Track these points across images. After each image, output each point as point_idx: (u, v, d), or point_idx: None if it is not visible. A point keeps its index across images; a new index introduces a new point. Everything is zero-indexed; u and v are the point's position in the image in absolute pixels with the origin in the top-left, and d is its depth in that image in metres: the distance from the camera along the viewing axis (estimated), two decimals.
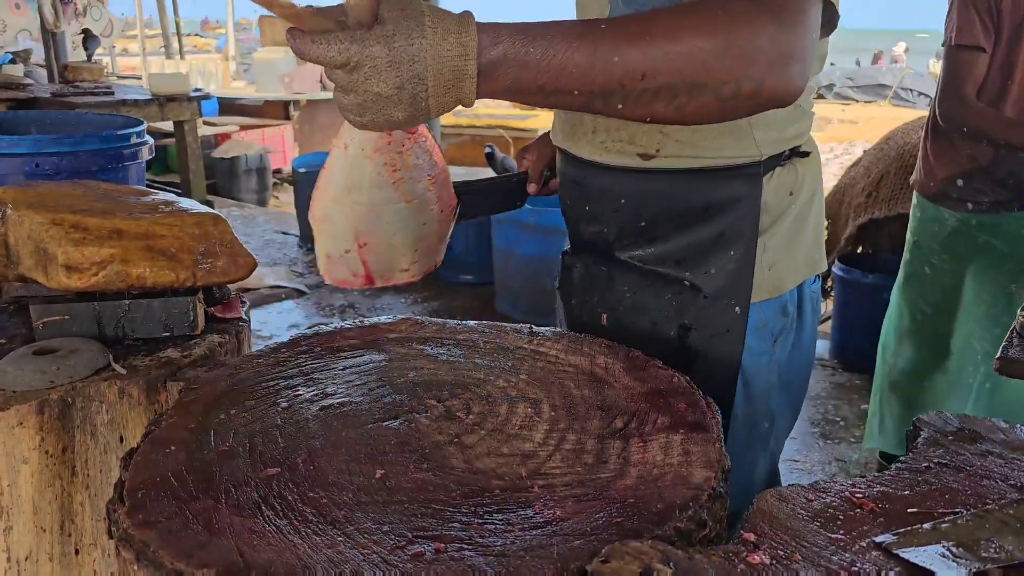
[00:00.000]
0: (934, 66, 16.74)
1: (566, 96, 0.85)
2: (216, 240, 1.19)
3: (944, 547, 0.69)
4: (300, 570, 0.65)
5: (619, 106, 0.86)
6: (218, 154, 7.59)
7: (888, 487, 0.80)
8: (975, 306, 2.27)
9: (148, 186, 1.84)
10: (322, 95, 9.30)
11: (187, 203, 1.27)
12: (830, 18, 0.98)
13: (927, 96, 13.68)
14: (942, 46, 2.19)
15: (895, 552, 0.68)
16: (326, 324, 1.20)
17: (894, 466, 0.84)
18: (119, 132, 2.26)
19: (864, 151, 4.02)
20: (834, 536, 0.71)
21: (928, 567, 0.66)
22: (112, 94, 4.79)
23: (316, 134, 9.35)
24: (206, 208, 1.26)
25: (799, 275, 1.18)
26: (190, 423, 0.90)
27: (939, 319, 2.36)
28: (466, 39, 0.81)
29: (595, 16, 1.11)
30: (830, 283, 3.88)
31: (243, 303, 1.30)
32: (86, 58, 5.48)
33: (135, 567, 0.69)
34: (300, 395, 0.97)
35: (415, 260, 1.17)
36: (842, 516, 0.74)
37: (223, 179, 7.52)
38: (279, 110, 9.15)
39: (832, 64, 17.09)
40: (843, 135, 11.00)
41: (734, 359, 1.13)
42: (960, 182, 2.21)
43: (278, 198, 8.15)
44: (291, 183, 6.63)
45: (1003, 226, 2.19)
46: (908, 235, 2.41)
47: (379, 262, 1.14)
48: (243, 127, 8.49)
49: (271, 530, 0.70)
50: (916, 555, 0.68)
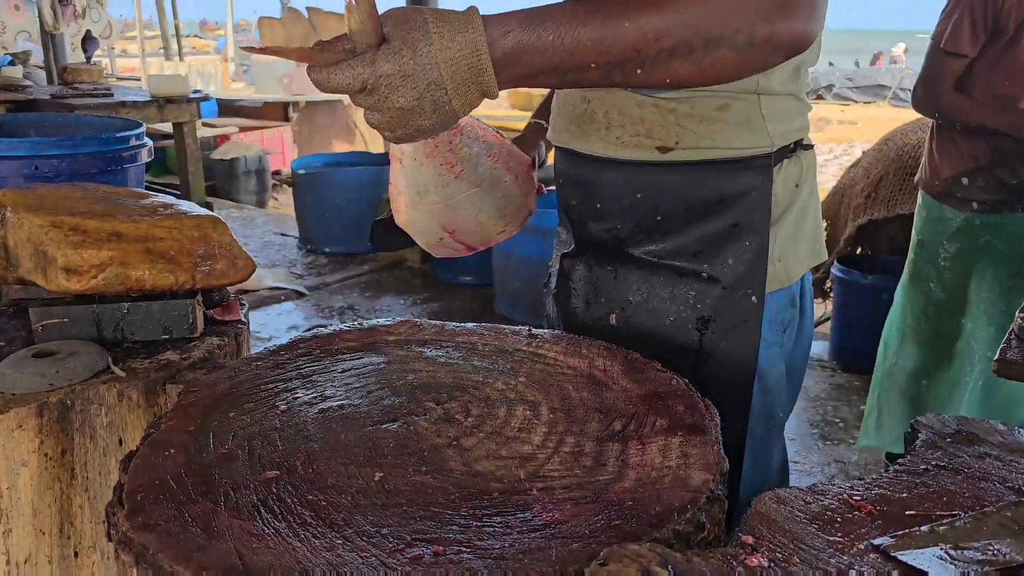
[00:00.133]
0: None
1: (585, 72, 0.85)
2: (215, 243, 1.19)
3: (942, 550, 0.69)
4: (299, 573, 0.65)
5: (638, 71, 0.85)
6: (217, 155, 7.59)
7: (886, 489, 0.80)
8: (975, 306, 2.28)
9: (147, 188, 1.84)
10: (321, 97, 9.30)
11: (186, 205, 1.27)
12: None
13: None
14: (931, 38, 2.20)
15: (893, 555, 0.68)
16: (325, 326, 1.20)
17: (892, 468, 0.84)
18: (118, 134, 2.26)
19: (863, 152, 4.02)
20: (832, 538, 0.71)
21: (926, 570, 0.66)
22: (111, 96, 4.80)
23: (315, 135, 9.37)
24: (205, 211, 1.26)
25: (803, 266, 1.20)
26: (189, 426, 0.90)
27: (942, 319, 2.36)
28: (474, 36, 0.82)
29: None
30: (829, 284, 3.87)
31: (242, 305, 1.30)
32: (85, 59, 5.49)
33: (134, 570, 0.69)
34: (299, 398, 0.97)
35: (507, 223, 1.28)
36: (840, 518, 0.74)
37: (222, 181, 7.52)
38: (278, 111, 9.16)
39: (831, 65, 17.12)
40: (842, 136, 11.02)
41: (752, 350, 1.14)
42: (965, 180, 2.22)
43: (277, 199, 8.15)
44: (290, 184, 6.62)
45: (1005, 226, 2.19)
46: (913, 234, 2.41)
47: (473, 238, 1.26)
48: (242, 128, 8.50)
49: (270, 533, 0.70)
50: (914, 558, 0.68)
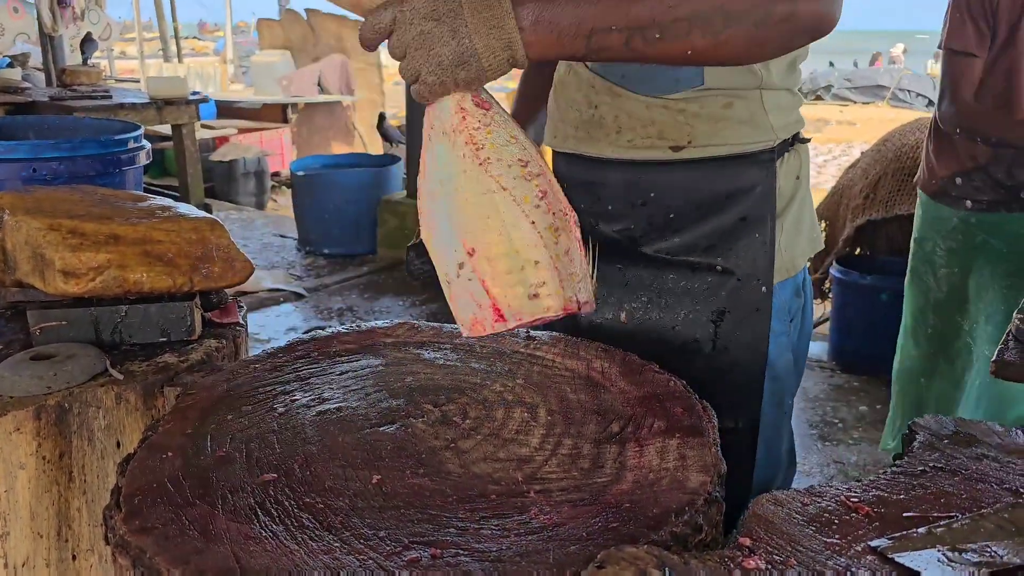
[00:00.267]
0: (932, 67, 16.76)
1: (608, 35, 0.85)
2: (213, 245, 1.19)
3: (939, 551, 0.69)
4: None
5: (657, 36, 0.85)
6: (216, 157, 7.58)
7: (884, 491, 0.80)
8: (974, 304, 2.28)
9: (146, 190, 1.84)
10: (320, 98, 9.30)
11: (184, 208, 1.27)
12: None
13: (925, 97, 13.70)
14: (938, 48, 2.21)
15: (890, 556, 0.68)
16: (324, 328, 1.20)
17: (890, 470, 0.84)
18: (117, 137, 2.26)
19: (862, 153, 4.01)
20: (829, 540, 0.71)
21: (923, 571, 0.66)
22: (110, 98, 4.79)
23: (314, 137, 9.36)
24: (203, 213, 1.26)
25: (805, 255, 1.24)
26: (187, 428, 0.90)
27: (941, 318, 2.36)
28: None
29: None
30: (828, 284, 3.87)
31: (240, 307, 1.30)
32: (83, 61, 5.48)
33: (132, 573, 0.69)
34: (297, 400, 0.97)
35: (549, 276, 0.85)
36: (837, 520, 0.74)
37: (221, 182, 7.51)
38: (277, 113, 9.16)
39: (831, 65, 17.11)
40: (841, 136, 11.01)
41: (763, 338, 1.17)
42: (959, 180, 2.22)
43: (276, 201, 8.14)
44: (289, 186, 6.62)
45: (1002, 226, 2.19)
46: (913, 233, 2.42)
47: (499, 275, 0.85)
48: (241, 130, 8.49)
49: (267, 536, 0.70)
50: (911, 559, 0.68)
